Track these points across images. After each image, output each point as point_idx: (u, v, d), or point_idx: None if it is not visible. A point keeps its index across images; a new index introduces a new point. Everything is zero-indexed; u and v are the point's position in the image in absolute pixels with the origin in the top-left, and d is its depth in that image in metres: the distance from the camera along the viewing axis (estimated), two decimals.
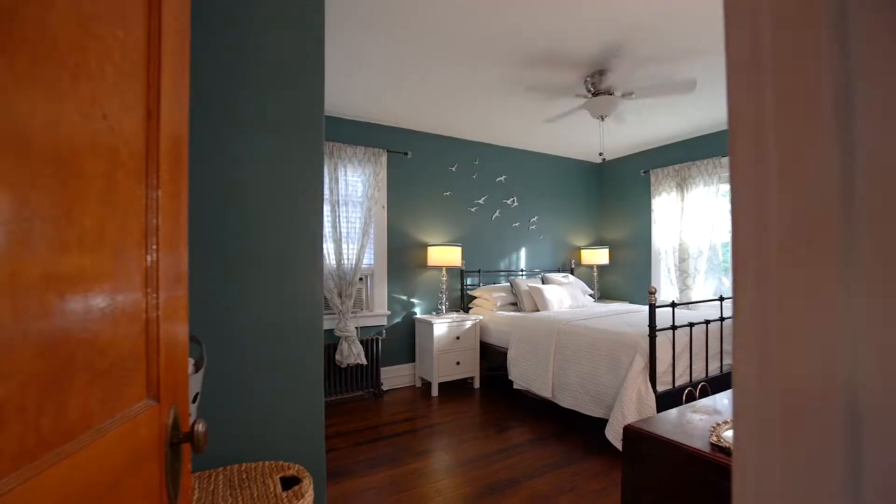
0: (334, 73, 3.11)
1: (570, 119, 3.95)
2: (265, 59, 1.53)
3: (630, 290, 5.30)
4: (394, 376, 4.18)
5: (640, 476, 1.22)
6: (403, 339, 4.26)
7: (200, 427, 0.78)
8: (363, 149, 3.91)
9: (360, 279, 4.03)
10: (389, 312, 4.16)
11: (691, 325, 2.85)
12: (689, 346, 2.85)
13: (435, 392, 3.92)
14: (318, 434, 1.61)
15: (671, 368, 2.75)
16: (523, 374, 3.54)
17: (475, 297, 4.56)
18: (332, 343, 3.74)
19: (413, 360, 4.29)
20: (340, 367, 3.73)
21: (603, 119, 3.11)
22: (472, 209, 4.71)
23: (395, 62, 2.99)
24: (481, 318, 4.21)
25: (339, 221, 3.76)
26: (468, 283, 4.66)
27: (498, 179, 4.89)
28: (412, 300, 4.33)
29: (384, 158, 4.10)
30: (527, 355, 3.55)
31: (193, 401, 1.00)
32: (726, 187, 4.38)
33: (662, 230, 4.81)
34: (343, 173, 3.82)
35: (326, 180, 3.75)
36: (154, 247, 0.74)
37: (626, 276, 5.36)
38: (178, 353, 0.83)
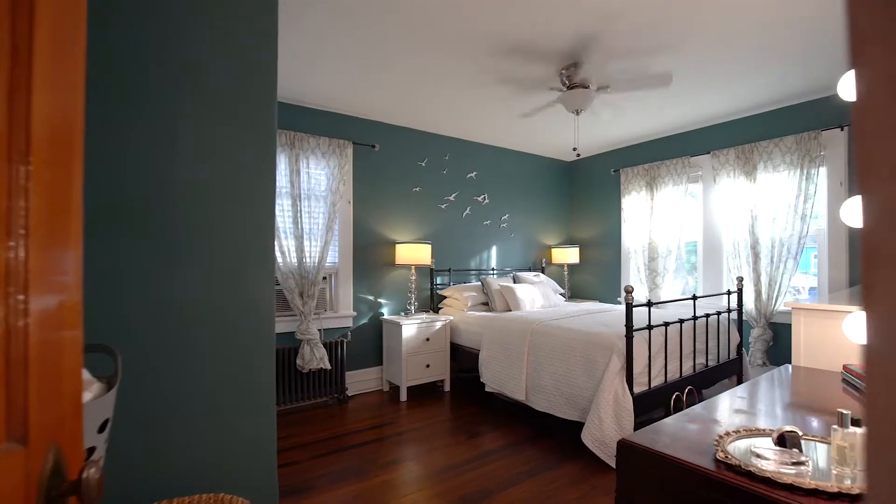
0: (296, 57, 2.88)
1: (544, 115, 3.87)
2: (204, 32, 1.31)
3: (600, 289, 5.29)
4: (360, 381, 3.97)
5: (635, 495, 1.10)
6: (370, 342, 4.05)
7: (93, 473, 0.58)
8: (327, 140, 3.68)
9: (324, 278, 3.79)
10: (355, 313, 3.95)
11: (666, 324, 2.80)
12: (664, 346, 2.80)
13: (403, 396, 3.74)
14: (269, 455, 1.41)
15: (647, 369, 2.68)
16: (495, 376, 3.42)
17: (445, 297, 4.40)
18: (293, 347, 3.50)
19: (380, 364, 4.09)
20: (302, 372, 3.49)
21: (578, 113, 3.02)
22: (443, 206, 4.55)
23: (361, 49, 2.79)
24: (452, 318, 4.06)
25: (301, 217, 3.52)
26: (438, 282, 4.50)
27: (469, 176, 4.75)
28: (379, 300, 4.13)
29: (350, 151, 3.88)
30: (499, 357, 3.43)
31: (101, 429, 0.79)
32: (695, 187, 4.42)
33: (632, 229, 4.81)
34: (305, 165, 3.57)
35: (287, 172, 3.50)
36: (19, 238, 0.54)
37: (597, 276, 5.35)
38: (64, 375, 0.63)
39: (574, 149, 3.15)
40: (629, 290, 2.55)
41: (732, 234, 3.97)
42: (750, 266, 3.84)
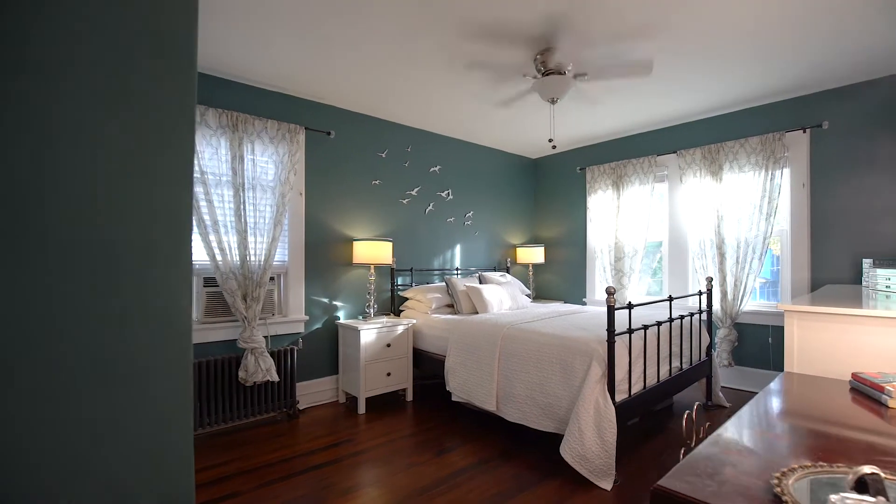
0: (240, 28, 2.47)
1: (515, 107, 3.66)
2: None
3: (565, 290, 5.18)
4: (313, 392, 3.58)
5: None
6: (324, 349, 3.68)
7: None
8: (276, 124, 3.27)
9: (272, 279, 3.38)
10: (307, 318, 3.56)
11: (646, 327, 2.66)
12: (643, 350, 2.66)
13: (362, 409, 3.40)
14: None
15: (628, 375, 2.52)
16: (463, 384, 3.16)
17: (407, 299, 4.10)
18: (234, 357, 3.07)
19: (336, 373, 3.73)
20: (245, 385, 3.07)
21: (554, 102, 2.82)
22: (404, 201, 4.25)
23: (318, 25, 2.45)
24: (414, 321, 3.76)
25: (245, 209, 3.09)
26: (399, 282, 4.19)
27: (432, 170, 4.47)
28: (335, 303, 3.76)
29: (302, 137, 3.48)
30: (467, 363, 3.17)
31: None
32: (661, 186, 4.38)
33: (598, 229, 4.73)
34: (250, 151, 3.15)
35: (228, 158, 3.06)
36: None
37: (561, 276, 5.23)
38: None
39: (549, 140, 2.95)
40: (611, 292, 2.37)
41: (699, 234, 3.94)
42: (716, 266, 3.82)
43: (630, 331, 2.51)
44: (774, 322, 3.61)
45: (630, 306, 2.53)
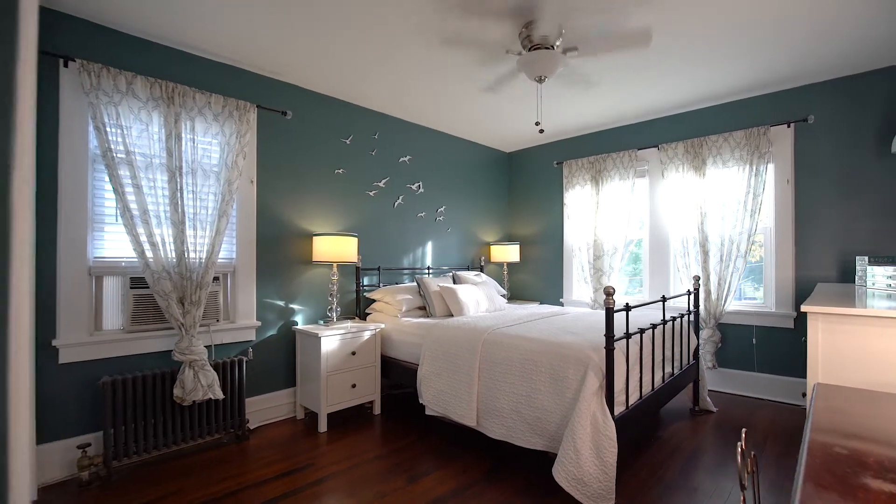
0: None
1: (498, 92, 3.36)
2: None
3: (541, 290, 4.95)
4: (266, 408, 3.14)
5: None
6: (280, 358, 3.24)
7: None
8: (223, 99, 2.82)
9: (216, 279, 2.91)
10: (259, 323, 3.11)
11: (642, 331, 2.42)
12: (639, 356, 2.42)
13: (323, 426, 3.00)
14: None
15: (625, 386, 2.27)
16: (439, 396, 2.83)
17: (375, 301, 3.72)
18: (169, 371, 2.59)
19: (293, 385, 3.30)
20: (183, 405, 2.60)
21: (541, 81, 2.53)
22: (371, 192, 3.86)
23: None
24: (383, 326, 3.39)
25: (183, 197, 2.62)
26: (365, 283, 3.80)
27: (402, 160, 4.11)
28: (292, 306, 3.32)
29: (253, 116, 3.04)
30: (443, 373, 2.84)
31: None
32: (641, 181, 4.21)
33: (576, 225, 4.51)
34: (189, 129, 2.68)
35: (161, 136, 2.58)
36: None
37: (537, 275, 5.00)
38: None
39: (537, 123, 2.66)
40: (610, 293, 2.10)
41: (681, 231, 3.79)
42: (699, 265, 3.68)
43: (627, 335, 2.26)
44: (759, 322, 3.49)
45: (627, 308, 2.27)
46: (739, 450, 1.21)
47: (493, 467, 2.47)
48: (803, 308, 1.70)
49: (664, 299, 2.70)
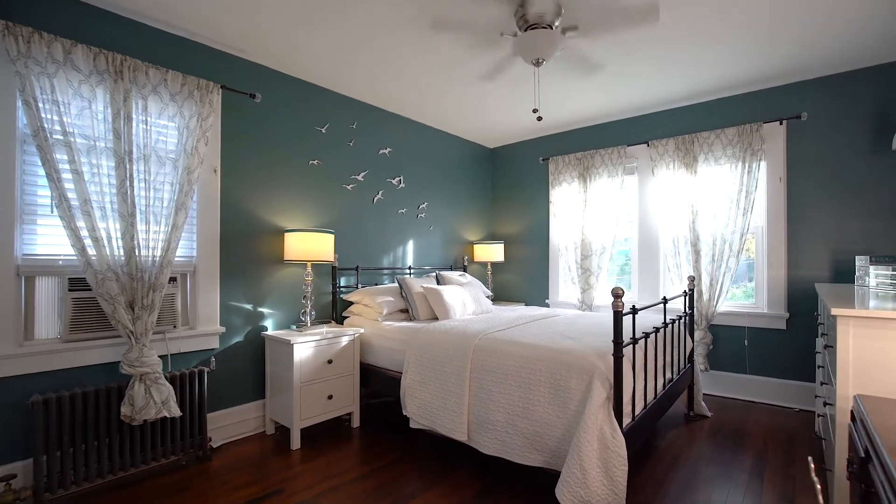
0: None
1: (490, 81, 3.15)
2: None
3: (526, 291, 4.77)
4: (231, 423, 2.82)
5: None
6: (247, 368, 2.93)
7: None
8: (182, 77, 2.49)
9: (172, 279, 2.58)
10: (223, 329, 2.79)
11: (646, 335, 2.25)
12: (644, 362, 2.25)
13: (296, 442, 2.70)
14: None
15: (632, 395, 2.09)
16: (425, 408, 2.59)
17: (353, 303, 3.44)
18: (117, 386, 2.25)
19: (262, 397, 2.99)
20: (132, 425, 2.26)
21: (539, 64, 2.34)
22: (349, 186, 3.58)
23: None
24: (362, 331, 3.12)
25: (133, 186, 2.29)
26: (342, 284, 3.52)
27: (381, 152, 3.85)
28: (261, 310, 3.01)
29: (217, 98, 2.72)
30: (429, 382, 2.60)
31: None
32: (631, 179, 4.09)
33: (562, 224, 4.36)
34: (141, 110, 2.35)
35: (106, 116, 2.24)
36: None
37: (522, 275, 4.82)
38: None
39: (535, 110, 2.47)
40: (619, 294, 1.91)
41: (672, 230, 3.68)
42: (690, 265, 3.57)
43: (634, 341, 2.09)
44: (751, 324, 3.41)
45: (634, 311, 2.09)
46: (813, 474, 1.04)
47: (487, 487, 2.25)
48: (834, 311, 1.55)
49: (665, 301, 2.54)
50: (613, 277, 4.30)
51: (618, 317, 1.91)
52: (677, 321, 2.81)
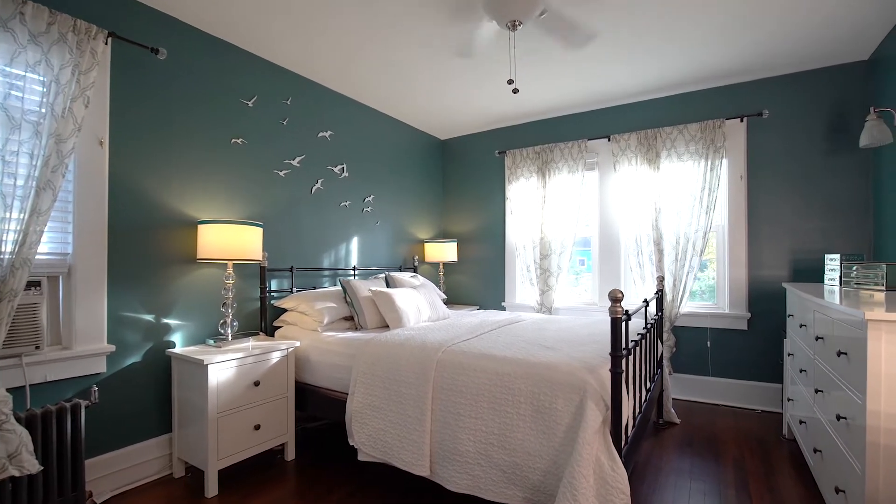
0: None
1: (432, 63, 2.76)
2: None
3: (480, 293, 4.46)
4: (125, 468, 2.19)
5: None
6: (146, 396, 2.31)
7: None
8: (48, 13, 1.85)
9: (34, 284, 1.92)
10: (113, 348, 2.16)
11: (635, 343, 1.98)
12: (632, 373, 1.98)
13: (213, 488, 2.14)
14: None
15: (630, 414, 1.80)
16: (378, 437, 2.15)
17: (286, 311, 2.91)
18: None
19: (168, 431, 2.38)
20: None
21: (515, 28, 2.00)
22: (282, 172, 3.04)
23: None
24: (297, 343, 2.60)
25: None
26: (274, 287, 2.97)
27: (321, 135, 3.34)
28: (166, 321, 2.40)
29: (105, 49, 2.10)
30: (383, 406, 2.17)
31: None
32: (592, 174, 3.90)
33: (520, 222, 4.09)
34: None
35: None
36: None
37: (476, 276, 4.50)
38: None
39: (510, 81, 2.13)
40: (617, 298, 1.61)
41: (634, 228, 3.52)
42: (653, 264, 3.43)
43: (629, 351, 1.80)
44: (713, 324, 3.32)
45: (627, 317, 1.81)
46: None
47: None
48: (868, 316, 1.34)
49: (647, 303, 2.31)
50: (573, 277, 4.10)
51: (617, 325, 1.61)
52: (654, 325, 2.60)
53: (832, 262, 2.51)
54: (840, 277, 2.39)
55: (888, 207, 2.64)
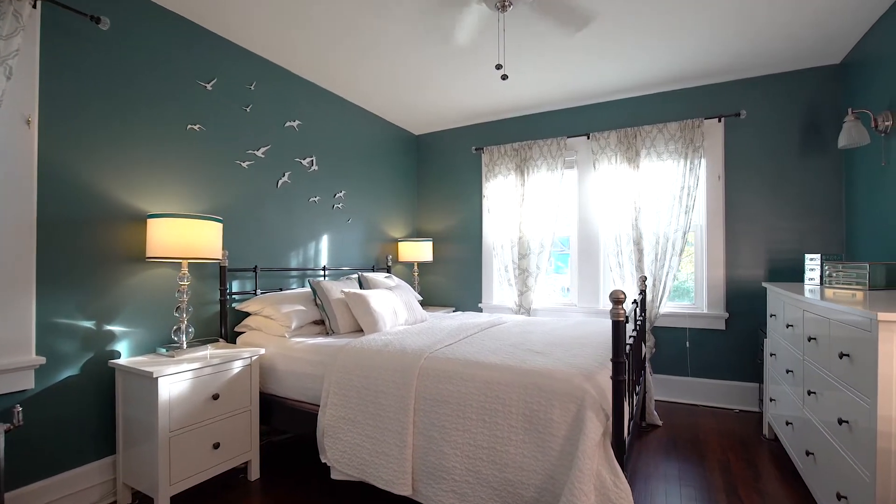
0: None
1: (408, 51, 2.59)
2: None
3: (456, 294, 4.31)
4: (59, 498, 1.90)
5: None
6: (85, 414, 2.02)
7: None
8: None
9: None
10: (42, 360, 1.86)
11: (632, 347, 1.88)
12: (627, 378, 1.87)
13: None
14: None
15: (627, 424, 1.69)
16: (353, 453, 1.95)
17: (250, 315, 2.66)
18: None
19: (112, 453, 2.09)
20: None
21: (504, 8, 1.86)
22: (245, 164, 2.78)
23: None
24: (262, 351, 2.37)
25: None
26: (235, 289, 2.71)
27: (288, 125, 3.10)
28: (109, 328, 2.12)
29: (33, 13, 1.81)
30: (359, 418, 1.98)
31: None
32: (571, 173, 3.83)
33: (498, 220, 3.97)
34: None
35: None
36: None
37: (451, 277, 4.35)
38: None
39: (498, 66, 1.99)
40: (620, 299, 1.49)
41: (614, 228, 3.47)
42: (633, 264, 3.39)
43: (628, 356, 1.69)
44: (691, 325, 3.31)
45: (626, 319, 1.70)
46: None
47: None
48: (881, 317, 1.28)
49: (636, 304, 2.23)
50: (549, 278, 4.02)
51: (620, 328, 1.49)
52: (641, 326, 2.53)
53: (812, 262, 2.52)
54: (821, 277, 2.39)
55: (859, 209, 2.68)
